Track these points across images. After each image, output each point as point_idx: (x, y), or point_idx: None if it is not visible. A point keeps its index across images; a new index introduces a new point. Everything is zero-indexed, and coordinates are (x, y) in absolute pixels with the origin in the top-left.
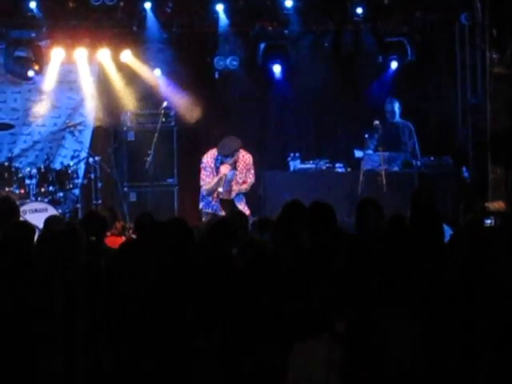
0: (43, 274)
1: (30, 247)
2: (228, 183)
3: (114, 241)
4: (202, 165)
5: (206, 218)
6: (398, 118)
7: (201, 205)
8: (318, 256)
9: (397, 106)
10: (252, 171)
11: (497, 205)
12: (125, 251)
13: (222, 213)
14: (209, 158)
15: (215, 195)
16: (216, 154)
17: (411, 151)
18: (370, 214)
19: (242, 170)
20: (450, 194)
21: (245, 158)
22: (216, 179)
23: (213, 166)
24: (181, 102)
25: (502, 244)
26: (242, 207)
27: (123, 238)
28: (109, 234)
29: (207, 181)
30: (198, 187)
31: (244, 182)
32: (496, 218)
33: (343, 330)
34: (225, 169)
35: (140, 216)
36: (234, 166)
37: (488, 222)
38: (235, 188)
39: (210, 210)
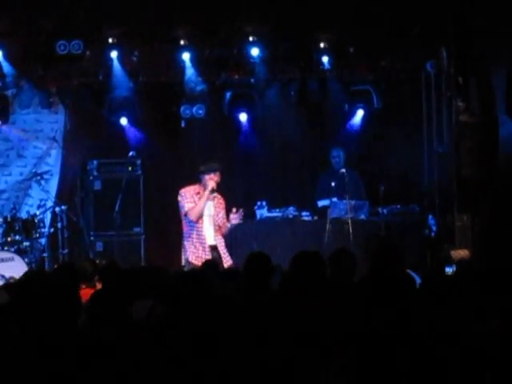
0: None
1: None
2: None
3: (88, 293)
4: (181, 195)
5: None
6: (342, 164)
7: (188, 256)
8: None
9: (342, 154)
10: (225, 215)
11: (462, 252)
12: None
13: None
14: (187, 189)
15: (204, 219)
16: (194, 188)
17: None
18: (344, 265)
19: (220, 210)
20: (416, 241)
21: (221, 199)
22: (203, 198)
23: (193, 193)
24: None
25: (457, 293)
26: (227, 256)
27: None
28: (84, 286)
29: (191, 206)
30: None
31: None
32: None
33: None
34: (212, 182)
35: (106, 264)
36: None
37: (449, 270)
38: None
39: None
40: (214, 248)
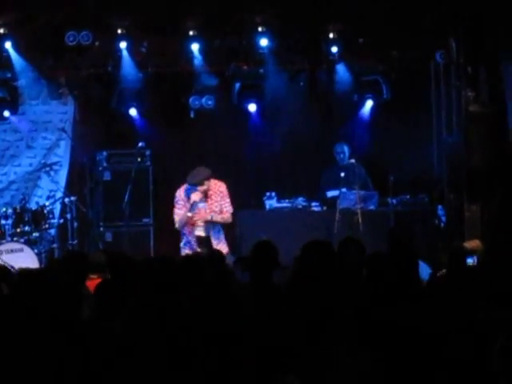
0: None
1: None
2: (195, 206)
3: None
4: (175, 199)
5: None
6: (347, 160)
7: (181, 243)
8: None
9: (346, 149)
10: (227, 199)
11: (473, 243)
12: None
13: (199, 250)
14: (181, 191)
15: (188, 225)
16: (187, 185)
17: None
18: (350, 253)
19: (217, 197)
20: (425, 232)
21: (217, 185)
22: (186, 209)
23: (184, 197)
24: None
25: (482, 285)
26: (221, 245)
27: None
28: (96, 277)
29: (179, 213)
30: (174, 226)
31: (221, 212)
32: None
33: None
34: (195, 196)
35: (113, 255)
36: (206, 196)
37: (470, 261)
38: (212, 216)
39: (188, 250)
40: (205, 239)
